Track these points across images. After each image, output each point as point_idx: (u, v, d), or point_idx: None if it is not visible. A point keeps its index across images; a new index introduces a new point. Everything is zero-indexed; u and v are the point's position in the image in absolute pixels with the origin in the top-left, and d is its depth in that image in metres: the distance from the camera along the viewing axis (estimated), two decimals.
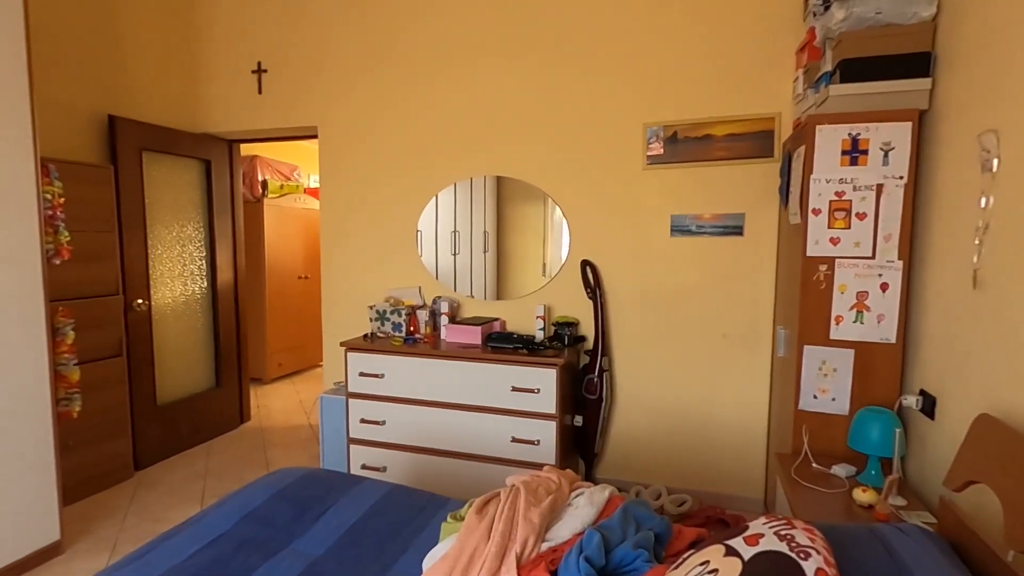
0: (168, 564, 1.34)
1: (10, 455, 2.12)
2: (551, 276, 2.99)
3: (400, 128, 3.17)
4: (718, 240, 2.67)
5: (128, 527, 2.57)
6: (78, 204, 2.70)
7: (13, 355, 2.12)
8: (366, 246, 3.30)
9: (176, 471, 3.18)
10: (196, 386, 3.61)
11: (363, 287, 3.32)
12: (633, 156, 2.76)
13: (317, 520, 1.56)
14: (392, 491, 1.73)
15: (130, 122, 3.09)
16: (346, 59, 3.23)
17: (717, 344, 2.72)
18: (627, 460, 2.92)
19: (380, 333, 3.01)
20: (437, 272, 3.19)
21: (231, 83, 3.49)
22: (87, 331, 2.75)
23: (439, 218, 3.18)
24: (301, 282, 5.28)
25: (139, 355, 3.15)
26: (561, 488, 1.44)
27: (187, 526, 1.52)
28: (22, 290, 2.14)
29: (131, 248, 3.08)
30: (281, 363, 5.08)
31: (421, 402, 2.71)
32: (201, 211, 3.60)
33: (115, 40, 3.09)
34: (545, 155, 2.92)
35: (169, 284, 3.38)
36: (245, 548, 1.41)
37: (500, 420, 2.59)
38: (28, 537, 2.20)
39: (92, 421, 2.83)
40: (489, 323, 2.90)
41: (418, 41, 3.09)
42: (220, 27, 3.49)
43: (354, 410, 2.84)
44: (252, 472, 3.17)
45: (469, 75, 3.01)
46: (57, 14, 2.79)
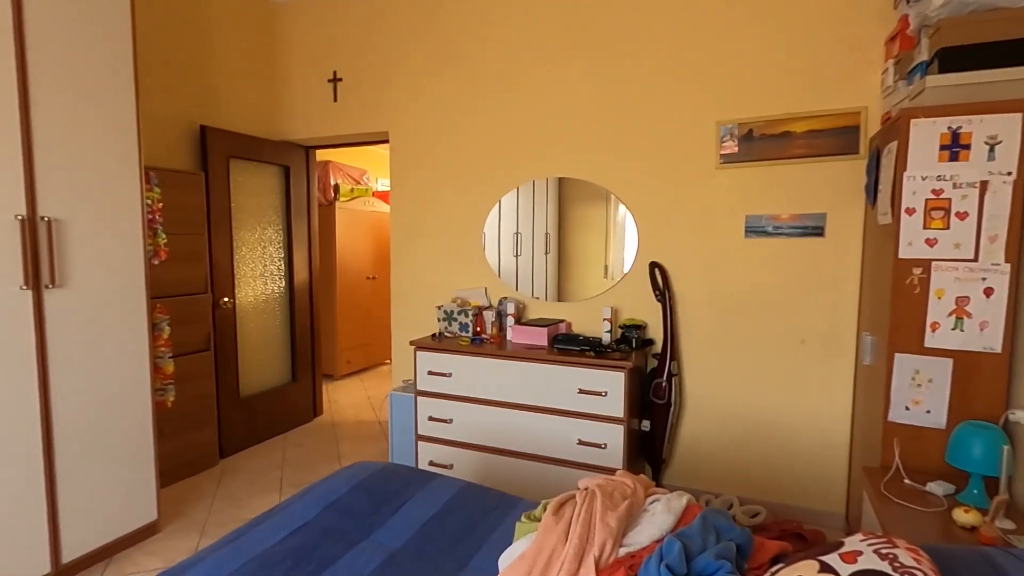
0: (260, 548, 1.42)
1: (115, 440, 2.31)
2: (614, 278, 2.96)
3: (467, 131, 3.23)
4: (797, 241, 2.55)
5: (215, 511, 2.74)
6: (173, 208, 2.91)
7: (120, 348, 2.31)
8: (434, 247, 3.38)
9: (256, 460, 3.36)
10: (274, 380, 3.80)
11: (431, 288, 3.40)
12: (705, 155, 2.69)
13: (395, 513, 1.60)
14: (464, 489, 1.76)
15: (219, 131, 3.30)
16: (416, 66, 3.32)
17: (794, 350, 2.60)
18: (696, 467, 2.84)
19: (447, 333, 3.06)
20: (500, 273, 3.22)
21: (309, 92, 3.66)
22: (180, 327, 2.96)
23: (502, 220, 3.21)
24: (369, 282, 5.46)
25: (224, 350, 3.36)
26: (636, 493, 1.42)
27: (275, 513, 1.61)
28: (128, 288, 2.33)
29: (218, 249, 3.29)
30: (350, 360, 5.27)
31: (487, 402, 2.74)
32: (280, 214, 3.79)
33: (207, 57, 3.31)
34: (613, 156, 2.89)
35: (251, 283, 3.58)
36: (329, 536, 1.48)
37: (566, 422, 2.59)
38: (130, 516, 2.38)
39: (183, 411, 3.03)
40: (555, 324, 2.90)
41: (485, 47, 3.13)
42: (299, 40, 3.67)
43: (422, 408, 2.90)
44: (325, 464, 3.30)
45: (536, 77, 3.03)
46: (157, 36, 3.02)
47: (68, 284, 2.11)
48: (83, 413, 2.18)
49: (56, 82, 2.05)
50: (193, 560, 1.38)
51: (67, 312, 2.11)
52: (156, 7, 3.01)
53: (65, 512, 2.13)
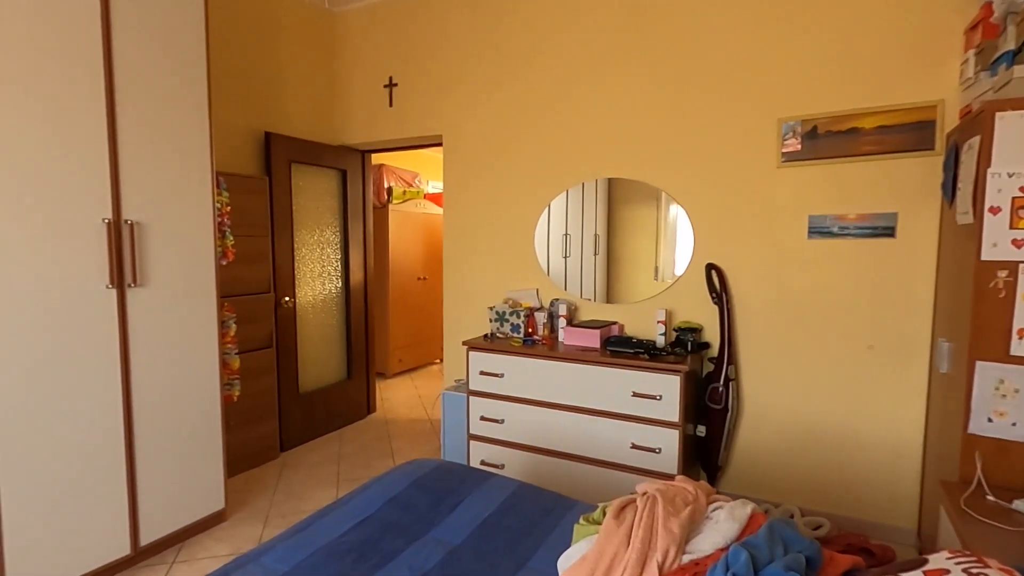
0: (325, 539, 1.47)
1: (187, 431, 2.43)
2: (664, 280, 2.91)
3: (520, 133, 3.24)
4: (865, 242, 2.44)
5: (277, 502, 2.85)
6: (240, 211, 3.05)
7: (192, 344, 2.43)
8: (486, 249, 3.41)
9: (314, 454, 3.48)
10: (331, 377, 3.93)
11: (483, 288, 3.43)
12: (766, 153, 2.61)
13: (452, 510, 1.63)
14: (520, 489, 1.77)
15: (282, 137, 3.43)
16: (469, 70, 3.36)
17: (861, 356, 2.49)
18: (754, 475, 2.75)
19: (499, 334, 3.09)
20: (549, 275, 3.22)
21: (366, 98, 3.77)
22: (245, 325, 3.10)
23: (551, 221, 3.21)
24: (420, 283, 5.56)
25: (285, 347, 3.49)
26: (698, 499, 1.39)
27: (338, 506, 1.66)
28: (200, 288, 2.46)
29: (280, 251, 3.42)
30: (401, 359, 5.38)
31: (539, 403, 2.75)
32: (337, 217, 3.91)
33: (272, 66, 3.46)
34: (668, 156, 2.84)
35: (310, 283, 3.71)
36: (391, 531, 1.51)
37: (619, 425, 2.56)
38: (199, 504, 2.51)
39: (247, 405, 3.17)
40: (607, 326, 2.88)
41: (537, 48, 3.14)
42: (357, 48, 3.78)
43: (474, 407, 2.93)
44: (379, 460, 3.38)
45: (589, 78, 3.01)
46: (226, 48, 3.17)
47: (147, 283, 2.24)
48: (159, 405, 2.31)
49: (139, 96, 2.18)
50: (265, 547, 1.44)
51: (146, 310, 2.24)
52: (225, 21, 3.16)
53: (143, 498, 2.26)
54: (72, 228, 1.99)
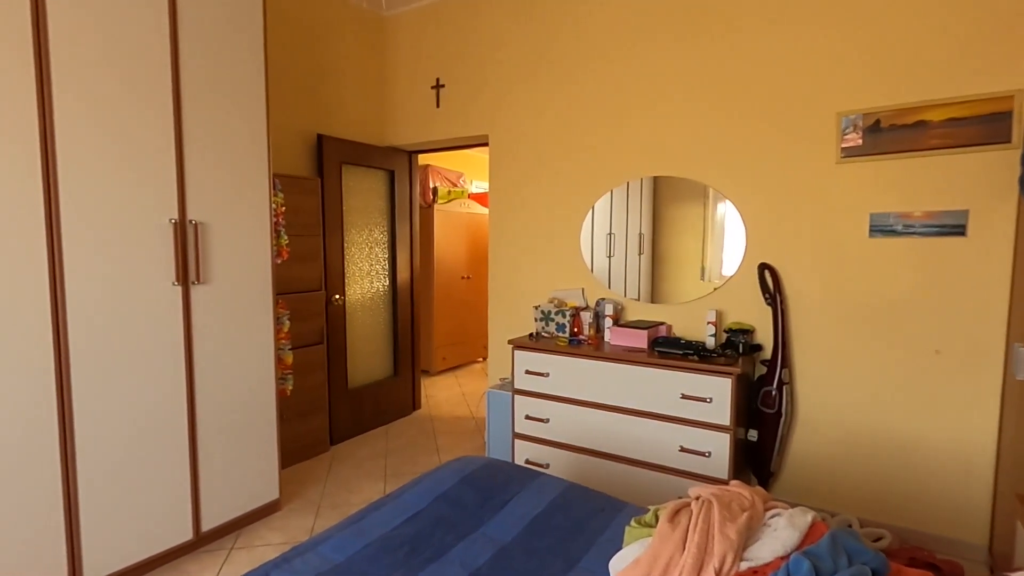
0: (379, 531, 1.51)
1: (245, 423, 2.53)
2: (711, 280, 2.85)
3: (565, 132, 3.23)
4: (932, 241, 2.32)
5: (328, 493, 2.94)
6: (293, 212, 3.15)
7: (250, 339, 2.53)
8: (531, 248, 3.41)
9: (362, 448, 3.56)
10: (378, 374, 4.01)
11: (528, 288, 3.43)
12: (824, 148, 2.51)
13: (502, 508, 1.64)
14: (569, 489, 1.76)
15: (333, 139, 3.53)
16: (515, 70, 3.37)
17: (928, 361, 2.36)
18: (808, 483, 2.66)
19: (545, 333, 3.08)
20: (593, 274, 3.19)
21: (413, 99, 3.83)
22: (297, 321, 3.20)
23: (595, 220, 3.19)
24: (464, 282, 5.61)
25: (335, 344, 3.58)
26: (755, 505, 1.35)
27: (390, 500, 1.69)
28: (257, 285, 2.55)
29: (331, 250, 3.52)
30: (445, 357, 5.44)
31: (585, 403, 2.73)
32: (385, 216, 3.99)
33: (323, 70, 3.56)
34: (718, 152, 2.78)
35: (359, 282, 3.80)
36: (442, 526, 1.53)
37: (668, 428, 2.52)
38: (256, 493, 2.60)
39: (299, 399, 3.27)
40: (655, 327, 2.83)
41: (584, 48, 3.12)
42: (405, 50, 3.85)
43: (519, 406, 2.94)
44: (425, 456, 3.43)
45: (635, 75, 2.97)
46: (281, 53, 3.27)
47: (209, 281, 2.34)
48: (219, 397, 2.41)
49: (202, 103, 2.28)
50: (322, 537, 1.49)
51: (208, 306, 2.34)
52: (280, 27, 3.27)
53: (204, 486, 2.37)
54: (143, 228, 2.10)
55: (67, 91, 1.88)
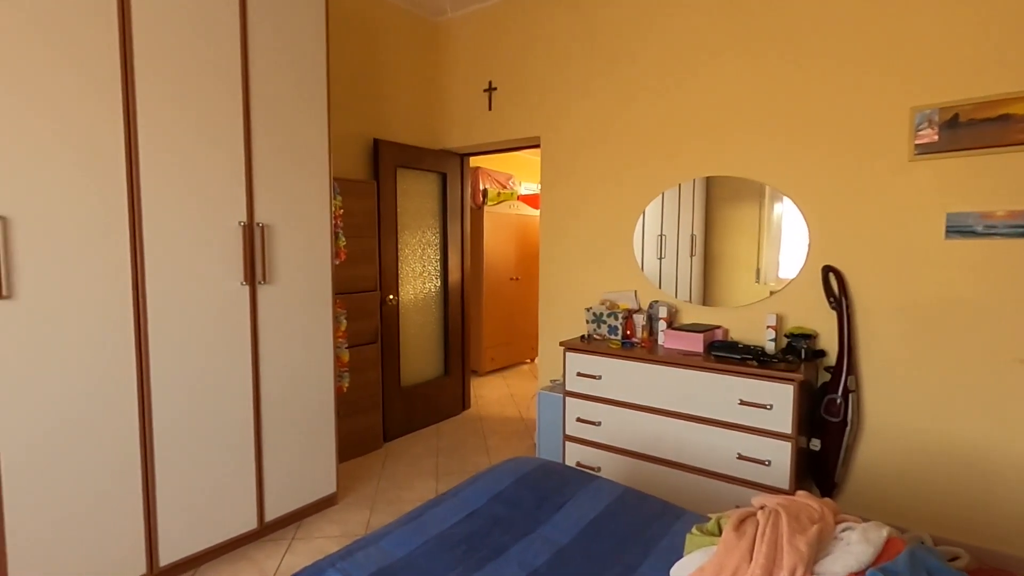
0: (437, 529, 1.53)
1: (305, 418, 2.62)
2: (766, 281, 2.76)
3: (619, 133, 3.20)
4: (1017, 243, 2.17)
5: (382, 489, 3.01)
6: (350, 214, 3.25)
7: (311, 337, 2.62)
8: (582, 249, 3.39)
9: (414, 446, 3.63)
10: (429, 373, 4.08)
11: (579, 289, 3.42)
12: (895, 145, 2.39)
13: (558, 510, 1.64)
14: (625, 493, 1.74)
15: (389, 143, 3.61)
16: (567, 72, 3.36)
17: (1009, 371, 2.21)
18: (875, 496, 2.53)
19: (596, 335, 3.06)
20: (644, 276, 3.15)
21: (466, 103, 3.88)
22: (353, 321, 3.29)
23: (646, 221, 3.14)
24: (512, 283, 5.64)
25: (389, 343, 3.67)
26: (825, 518, 1.30)
27: (447, 498, 1.72)
28: (318, 285, 2.64)
29: (386, 251, 3.60)
30: (493, 357, 5.48)
31: (638, 407, 2.69)
32: (437, 218, 4.06)
33: (379, 76, 3.65)
34: (778, 150, 2.69)
35: (412, 283, 3.88)
36: (499, 526, 1.55)
37: (725, 434, 2.45)
38: (314, 487, 2.69)
39: (354, 396, 3.37)
40: (711, 330, 2.76)
41: (636, 46, 3.08)
42: (457, 54, 3.90)
43: (571, 408, 2.93)
44: (476, 455, 3.47)
45: (691, 73, 2.91)
46: (339, 60, 3.38)
47: (274, 281, 2.44)
48: (282, 392, 2.51)
49: (269, 113, 2.38)
50: (382, 532, 1.52)
51: (272, 305, 2.44)
52: (337, 34, 3.37)
53: (268, 478, 2.47)
54: (215, 231, 2.21)
55: (149, 101, 2.00)
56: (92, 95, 1.86)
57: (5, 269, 1.70)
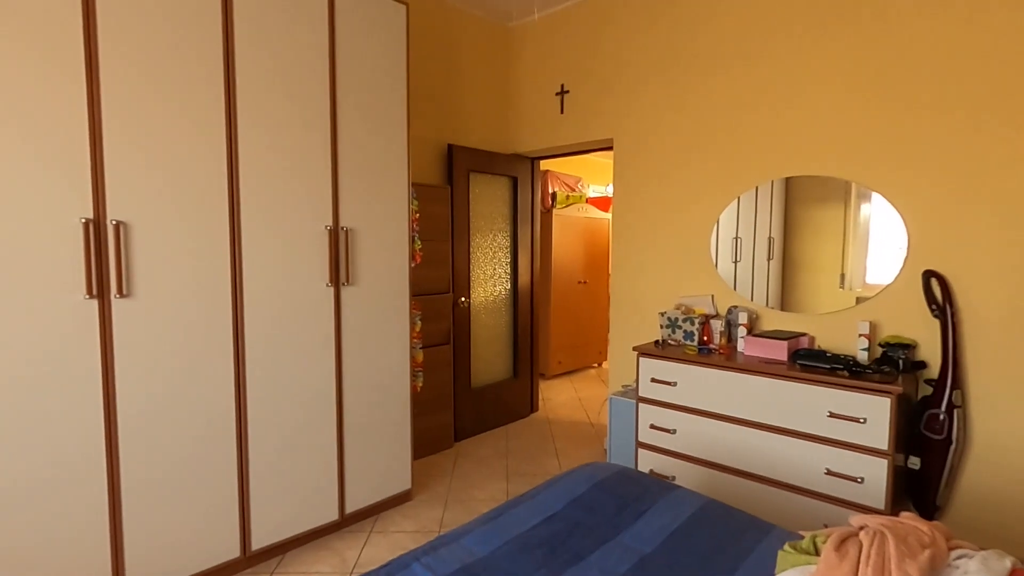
0: (517, 530, 1.54)
1: (384, 416, 2.71)
2: (852, 287, 2.60)
3: (694, 134, 3.11)
4: None
5: (454, 488, 3.06)
6: (425, 218, 3.33)
7: (389, 337, 2.71)
8: (656, 252, 3.32)
9: (484, 447, 3.67)
10: (498, 375, 4.12)
11: (652, 293, 3.35)
12: (1012, 135, 2.19)
13: (639, 518, 1.61)
14: (708, 505, 1.69)
15: (462, 148, 3.69)
16: (641, 72, 3.31)
17: None
18: (982, 522, 2.32)
19: (671, 340, 2.98)
20: (720, 280, 3.04)
21: (537, 106, 3.90)
22: (427, 322, 3.38)
23: (720, 224, 3.04)
24: (580, 287, 5.60)
25: (460, 344, 3.73)
26: (937, 543, 1.21)
27: (524, 499, 1.73)
28: (396, 287, 2.73)
29: (458, 254, 3.67)
30: (560, 361, 5.46)
31: (716, 416, 2.60)
32: (508, 222, 4.10)
33: (453, 82, 3.73)
34: (872, 147, 2.52)
35: (483, 285, 3.93)
36: (579, 530, 1.54)
37: (811, 448, 2.32)
38: (391, 482, 2.78)
39: (427, 396, 3.45)
40: (795, 338, 2.63)
41: (716, 46, 2.98)
42: (530, 59, 3.93)
43: (644, 415, 2.87)
44: (545, 458, 3.46)
45: (774, 69, 2.79)
46: (414, 68, 3.48)
47: (356, 283, 2.54)
48: (362, 390, 2.61)
49: (353, 122, 2.49)
50: (463, 530, 1.55)
51: (354, 306, 2.55)
52: (414, 45, 3.47)
53: (348, 472, 2.57)
54: (304, 235, 2.33)
55: (247, 119, 2.13)
56: (201, 116, 2.01)
57: (125, 270, 1.86)
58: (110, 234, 1.82)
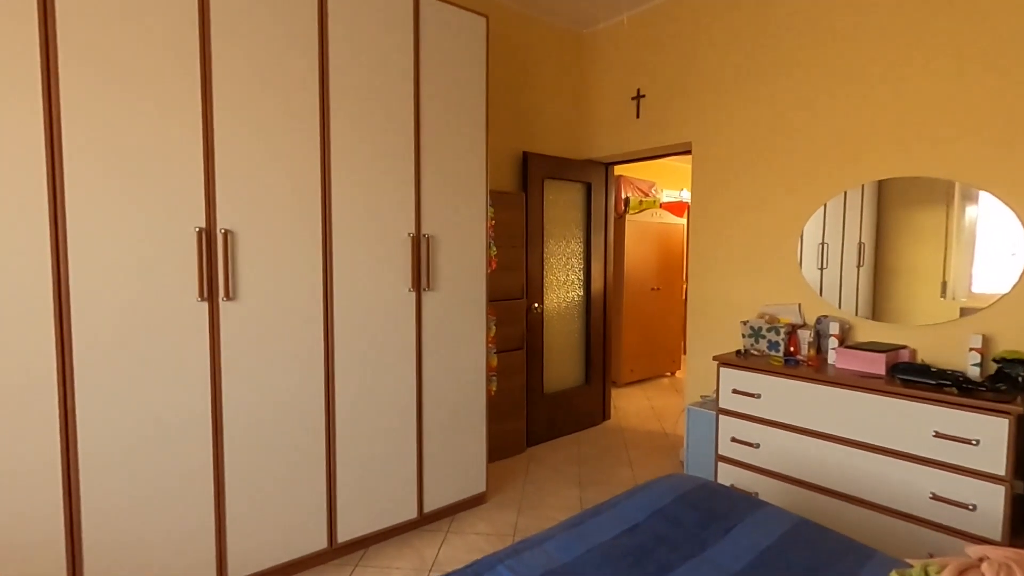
0: (600, 539, 1.53)
1: (460, 418, 2.77)
2: (955, 296, 2.38)
3: (778, 135, 2.98)
4: None
5: (527, 493, 3.07)
6: (500, 225, 3.38)
7: (468, 341, 2.77)
8: (737, 259, 3.21)
9: (556, 454, 3.67)
10: (570, 382, 4.10)
11: (732, 301, 3.23)
12: None
13: (726, 534, 1.55)
14: (801, 524, 1.61)
15: (537, 156, 3.72)
16: (723, 73, 3.21)
17: None
18: None
19: (754, 350, 2.87)
20: (806, 289, 2.88)
21: (612, 112, 3.87)
22: (502, 327, 3.42)
23: (805, 229, 2.89)
24: (653, 293, 5.49)
25: (533, 350, 3.75)
26: None
27: (605, 508, 1.71)
28: (474, 292, 2.78)
29: (532, 260, 3.70)
30: (632, 369, 5.37)
31: (805, 431, 2.47)
32: (581, 228, 4.09)
33: (527, 90, 3.77)
34: (983, 141, 2.32)
35: (555, 291, 3.94)
36: (664, 544, 1.51)
37: (914, 470, 2.16)
38: (467, 484, 2.83)
39: (500, 400, 3.49)
40: (895, 351, 2.46)
41: (803, 43, 2.85)
42: (604, 64, 3.91)
43: (724, 427, 2.77)
44: (619, 467, 3.41)
45: (867, 64, 2.63)
46: (492, 80, 3.55)
47: (436, 288, 2.62)
48: (441, 392, 2.68)
49: (436, 133, 2.57)
50: (546, 535, 1.56)
51: (434, 310, 2.62)
52: (491, 54, 3.54)
53: (427, 472, 2.64)
54: (388, 242, 2.43)
55: (339, 135, 2.26)
56: (296, 131, 2.14)
57: (232, 275, 2.01)
58: (219, 241, 1.98)
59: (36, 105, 1.65)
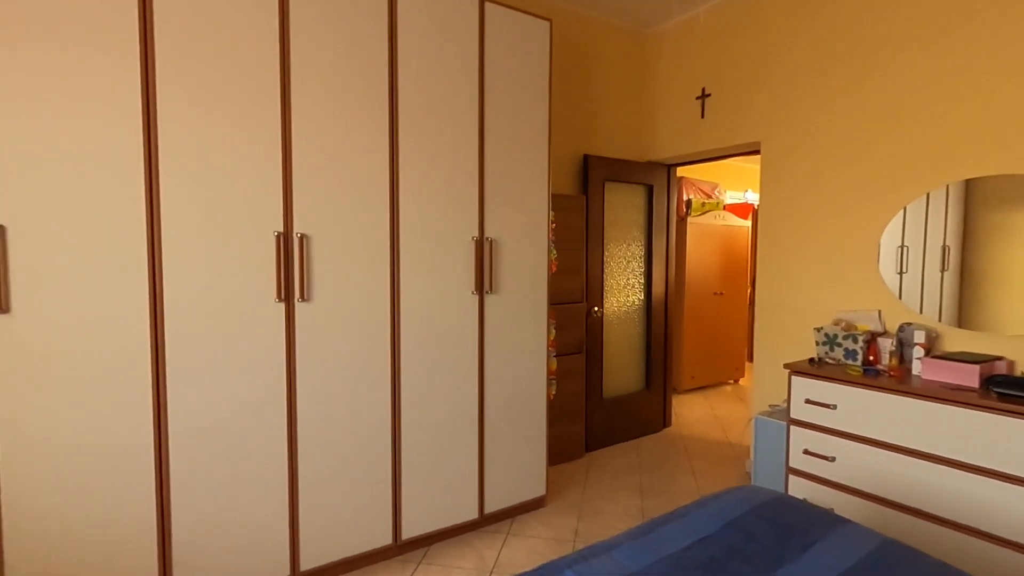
0: (670, 548, 1.49)
1: (521, 421, 2.77)
2: None
3: (854, 134, 2.82)
4: None
5: (587, 499, 3.04)
6: (561, 227, 3.37)
7: (529, 343, 2.77)
8: (809, 263, 3.06)
9: (615, 459, 3.61)
10: (630, 387, 4.04)
11: (804, 307, 3.09)
12: None
13: (805, 551, 1.48)
14: (887, 545, 1.51)
15: (598, 158, 3.69)
16: (795, 71, 3.08)
17: None
18: None
19: (829, 359, 2.73)
20: (887, 295, 2.71)
21: (675, 112, 3.79)
22: (561, 331, 3.40)
23: (883, 232, 2.73)
24: (716, 298, 5.32)
25: (592, 354, 3.72)
26: None
27: (675, 517, 1.67)
28: (536, 295, 2.79)
29: (592, 263, 3.67)
30: (694, 375, 5.23)
31: (887, 445, 2.33)
32: (642, 231, 4.02)
33: (588, 92, 3.75)
34: None
35: (616, 295, 3.89)
36: (737, 557, 1.45)
37: (1013, 491, 1.99)
38: (527, 487, 2.83)
39: (560, 404, 3.47)
40: (990, 362, 2.28)
41: (882, 37, 2.69)
42: (667, 64, 3.84)
43: (796, 438, 2.65)
44: (681, 476, 3.33)
45: (951, 56, 2.45)
46: (554, 82, 3.55)
47: (499, 291, 2.64)
48: (502, 394, 2.69)
49: (498, 139, 2.59)
50: (613, 543, 1.53)
51: (496, 313, 2.64)
52: (553, 57, 3.54)
53: (488, 474, 2.66)
54: (453, 245, 2.47)
55: (407, 144, 2.31)
56: (368, 137, 2.21)
57: (307, 278, 2.10)
58: (295, 245, 2.07)
59: (136, 125, 1.78)
